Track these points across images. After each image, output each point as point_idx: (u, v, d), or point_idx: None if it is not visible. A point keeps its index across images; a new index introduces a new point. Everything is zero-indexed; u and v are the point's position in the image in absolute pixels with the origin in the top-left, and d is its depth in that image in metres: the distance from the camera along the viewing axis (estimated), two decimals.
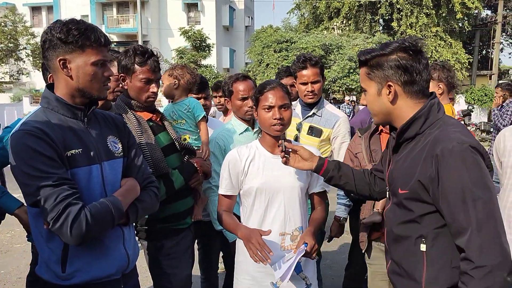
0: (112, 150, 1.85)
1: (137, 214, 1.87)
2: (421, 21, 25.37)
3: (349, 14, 27.14)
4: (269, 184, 2.13)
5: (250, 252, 1.95)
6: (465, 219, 1.42)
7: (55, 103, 1.72)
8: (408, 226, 1.62)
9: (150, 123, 2.41)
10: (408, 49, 1.58)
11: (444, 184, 1.46)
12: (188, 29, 24.77)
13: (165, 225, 2.45)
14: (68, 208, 1.55)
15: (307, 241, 2.01)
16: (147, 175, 1.98)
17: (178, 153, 2.51)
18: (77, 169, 1.67)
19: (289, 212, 2.13)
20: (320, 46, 22.01)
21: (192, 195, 2.62)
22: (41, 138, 1.58)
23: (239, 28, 36.75)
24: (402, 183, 1.62)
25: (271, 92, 2.12)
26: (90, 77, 1.71)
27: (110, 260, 1.78)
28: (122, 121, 2.03)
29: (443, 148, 1.46)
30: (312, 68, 3.06)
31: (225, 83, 2.98)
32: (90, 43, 1.67)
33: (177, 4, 32.36)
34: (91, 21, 31.63)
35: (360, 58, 1.68)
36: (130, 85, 2.35)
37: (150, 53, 2.34)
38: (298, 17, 31.14)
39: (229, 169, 2.17)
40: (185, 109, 2.73)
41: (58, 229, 1.56)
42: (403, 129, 1.62)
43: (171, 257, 2.46)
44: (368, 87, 1.68)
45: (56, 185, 1.55)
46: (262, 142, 2.22)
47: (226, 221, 2.17)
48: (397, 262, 1.71)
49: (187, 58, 23.62)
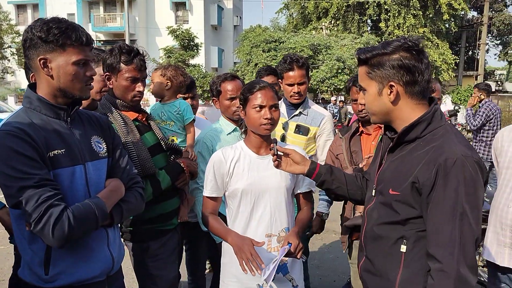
0: (96, 151, 1.82)
1: (122, 215, 1.84)
2: (408, 21, 25.63)
3: (337, 15, 27.30)
4: (255, 185, 2.10)
5: (241, 261, 1.92)
6: (451, 233, 1.44)
7: (37, 103, 1.70)
8: (391, 227, 1.62)
9: (136, 122, 2.38)
10: (411, 49, 1.55)
11: (439, 193, 1.47)
12: (176, 28, 24.65)
13: (151, 226, 2.42)
14: (50, 209, 1.52)
15: (291, 241, 2.00)
16: (132, 176, 1.95)
17: (164, 153, 2.49)
18: (60, 170, 1.65)
19: (275, 213, 2.12)
20: (308, 46, 22.08)
21: (179, 196, 2.59)
22: (22, 138, 1.56)
23: (228, 28, 36.71)
24: (394, 184, 1.61)
25: (262, 92, 2.10)
26: (71, 77, 1.68)
27: (94, 262, 1.76)
28: (107, 121, 2.00)
29: (448, 159, 1.46)
30: (299, 69, 3.07)
31: (213, 82, 2.96)
32: (71, 42, 1.64)
33: (165, 2, 32.20)
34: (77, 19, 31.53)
35: (360, 56, 1.63)
36: (116, 84, 2.32)
37: (136, 51, 2.31)
38: (287, 17, 31.27)
39: (214, 171, 2.14)
40: (175, 111, 2.71)
41: (40, 230, 1.53)
42: (405, 131, 1.60)
43: (157, 259, 2.43)
44: (368, 87, 1.64)
45: (38, 186, 1.53)
46: (247, 142, 2.20)
47: (214, 225, 2.15)
48: (371, 260, 1.71)
49: (175, 58, 23.49)
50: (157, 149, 2.43)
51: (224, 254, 2.22)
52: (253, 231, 2.10)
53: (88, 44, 1.70)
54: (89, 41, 1.70)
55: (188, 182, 2.60)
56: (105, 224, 1.78)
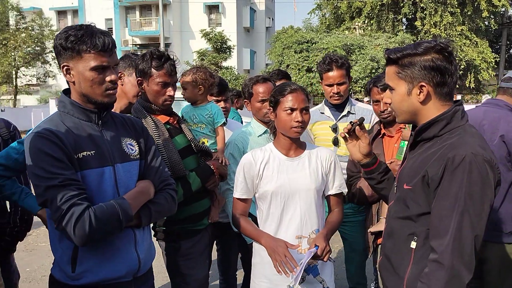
0: (128, 153, 1.85)
1: (151, 217, 1.86)
2: (445, 20, 24.91)
3: (371, 14, 26.86)
4: (284, 187, 2.12)
5: (275, 262, 1.96)
6: (449, 227, 1.46)
7: (70, 106, 1.76)
8: (404, 222, 1.65)
9: (167, 126, 2.43)
10: (443, 51, 1.56)
11: (444, 188, 1.49)
12: (209, 31, 24.94)
13: (182, 226, 2.48)
14: (72, 208, 1.56)
15: (318, 243, 2.01)
16: (164, 178, 1.96)
17: (195, 155, 2.54)
18: (88, 171, 1.69)
19: (305, 215, 2.12)
20: (341, 47, 21.85)
21: (209, 197, 2.64)
22: (51, 140, 1.62)
23: (260, 29, 36.81)
24: (408, 179, 1.63)
25: (293, 95, 2.10)
26: (90, 83, 1.70)
27: (119, 263, 1.78)
28: (141, 124, 2.04)
29: (456, 155, 1.48)
30: (338, 69, 3.03)
31: (245, 85, 2.99)
32: (87, 48, 1.66)
33: (199, 6, 32.62)
34: (114, 24, 32.40)
35: (391, 56, 1.64)
36: (148, 88, 2.38)
37: (167, 56, 2.36)
38: (319, 18, 31.00)
39: (244, 173, 2.17)
40: (207, 114, 2.75)
41: (63, 229, 1.58)
42: (421, 128, 1.62)
43: (188, 258, 2.49)
44: (397, 86, 1.65)
45: (62, 185, 1.57)
46: (276, 144, 2.21)
47: (245, 227, 2.18)
48: (387, 257, 1.74)
49: (208, 60, 23.78)
50: (188, 151, 2.48)
51: (255, 255, 2.24)
52: (284, 232, 2.12)
53: (106, 49, 1.69)
54: (106, 47, 1.69)
55: (218, 184, 2.64)
56: (133, 225, 1.79)
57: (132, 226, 1.80)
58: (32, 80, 29.27)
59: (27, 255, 5.16)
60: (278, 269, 1.94)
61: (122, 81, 2.55)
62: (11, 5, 26.37)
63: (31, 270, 4.74)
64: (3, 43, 24.48)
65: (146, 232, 1.94)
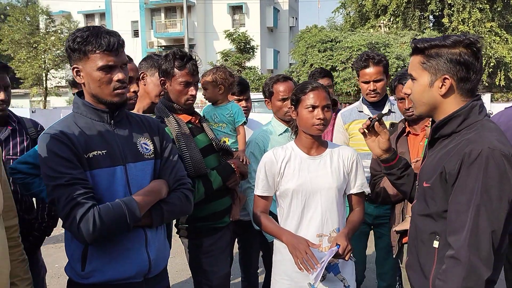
0: (142, 152, 1.85)
1: (163, 217, 1.83)
2: (474, 16, 24.31)
3: (396, 11, 26.44)
4: (305, 186, 2.13)
5: (296, 260, 1.98)
6: (465, 222, 1.44)
7: (83, 107, 1.78)
8: (426, 221, 1.64)
9: (189, 125, 2.47)
10: (472, 46, 1.54)
11: (461, 183, 1.47)
12: (233, 32, 25.08)
13: (204, 223, 2.52)
14: (76, 207, 1.58)
15: (339, 242, 2.01)
16: (179, 177, 1.95)
17: (216, 154, 2.57)
18: (98, 170, 1.70)
19: (326, 214, 2.12)
20: (366, 45, 21.56)
21: (230, 195, 2.66)
22: (60, 140, 1.65)
23: (283, 29, 36.73)
24: (427, 177, 1.62)
25: (315, 92, 2.12)
26: (98, 83, 1.71)
27: (128, 263, 1.76)
28: (158, 123, 2.04)
29: (473, 150, 1.46)
30: (375, 66, 2.99)
31: (265, 84, 3.02)
32: (93, 48, 1.66)
33: (222, 7, 32.82)
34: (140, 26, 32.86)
35: (418, 45, 1.62)
36: (170, 88, 2.42)
37: (189, 57, 2.40)
38: (344, 16, 30.71)
39: (265, 171, 2.19)
40: (228, 113, 2.78)
41: (68, 227, 1.61)
42: (438, 125, 1.61)
43: (210, 255, 2.52)
44: (420, 77, 1.62)
45: (68, 184, 1.60)
46: (297, 143, 2.22)
47: (267, 224, 2.20)
48: (414, 256, 1.72)
49: (231, 61, 23.90)
50: (209, 150, 2.52)
51: (275, 252, 2.26)
52: (305, 230, 2.13)
53: (111, 49, 1.68)
54: (112, 46, 1.68)
55: (238, 182, 2.66)
56: (143, 224, 1.78)
57: (143, 226, 1.79)
58: (62, 82, 30.06)
59: (56, 251, 5.31)
60: (300, 266, 1.96)
61: (145, 81, 2.61)
62: (41, 9, 27.17)
63: (59, 266, 4.87)
64: (34, 46, 25.23)
65: (159, 233, 1.91)
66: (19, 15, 26.18)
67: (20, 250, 1.71)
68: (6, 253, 1.51)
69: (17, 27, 25.63)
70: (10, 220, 1.65)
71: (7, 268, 1.50)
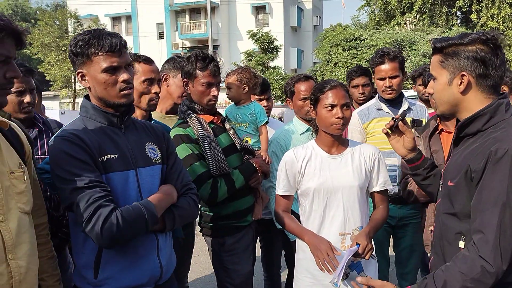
0: (150, 157, 1.84)
1: (175, 221, 1.83)
2: (503, 12, 23.60)
3: (423, 8, 25.93)
4: (327, 184, 2.13)
5: (317, 260, 1.99)
6: (488, 220, 1.42)
7: (92, 111, 1.76)
8: (451, 220, 1.62)
9: (211, 125, 2.51)
10: (489, 42, 1.54)
11: (486, 181, 1.45)
12: (256, 32, 25.12)
13: (226, 222, 2.55)
14: (99, 209, 1.56)
15: (359, 241, 2.01)
16: (186, 182, 1.95)
17: (238, 153, 2.60)
18: (112, 174, 1.70)
19: (348, 212, 2.13)
20: (391, 43, 21.24)
21: (253, 194, 2.68)
22: (75, 143, 1.63)
23: (307, 28, 36.57)
24: (452, 176, 1.61)
25: (333, 91, 2.12)
26: (103, 85, 1.69)
27: (142, 270, 1.76)
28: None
29: (499, 148, 1.44)
30: (391, 62, 2.94)
31: (287, 83, 3.04)
32: (95, 50, 1.65)
33: (246, 7, 32.91)
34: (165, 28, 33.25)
35: (436, 45, 1.64)
36: (193, 89, 2.46)
37: (210, 58, 2.43)
38: (369, 14, 30.32)
39: (286, 170, 2.20)
40: (250, 113, 2.81)
41: (90, 230, 1.57)
42: (464, 123, 1.60)
43: (232, 253, 2.55)
44: (439, 75, 1.64)
45: (89, 187, 1.58)
46: (318, 142, 2.23)
47: (289, 224, 2.21)
48: (439, 256, 1.71)
49: (255, 61, 23.93)
50: (232, 149, 2.54)
51: (298, 251, 2.27)
52: (327, 229, 2.13)
53: (114, 50, 1.66)
54: (114, 47, 1.66)
55: (261, 181, 2.68)
56: (157, 229, 1.77)
57: (156, 231, 1.79)
58: None
59: None
60: (321, 266, 1.97)
61: (168, 83, 2.65)
62: (69, 13, 27.86)
63: None
64: (63, 49, 25.82)
65: (168, 239, 1.92)
66: (48, 19, 26.90)
67: (50, 247, 1.74)
68: (35, 250, 1.55)
69: (46, 31, 26.34)
70: (39, 218, 1.69)
71: (36, 264, 1.55)
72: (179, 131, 2.41)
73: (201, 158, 2.39)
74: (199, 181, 2.35)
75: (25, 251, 1.47)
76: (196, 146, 2.40)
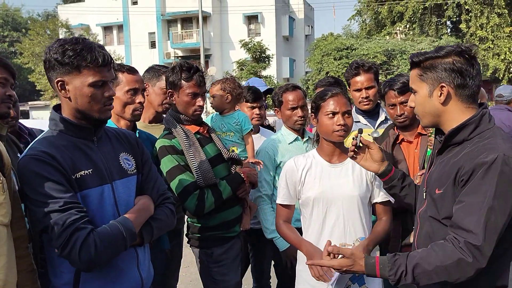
0: (125, 168, 1.80)
1: (153, 234, 1.81)
2: (492, 21, 23.96)
3: (413, 18, 26.25)
4: (326, 194, 2.11)
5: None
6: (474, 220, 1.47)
7: (62, 124, 1.68)
8: (438, 225, 1.65)
9: (197, 135, 2.50)
10: (464, 53, 1.61)
11: (473, 185, 1.50)
12: (248, 41, 25.23)
13: (214, 233, 2.53)
14: (76, 233, 1.51)
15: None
16: (162, 191, 1.92)
17: (225, 163, 2.58)
18: (87, 191, 1.64)
19: (348, 222, 2.10)
20: (382, 52, 21.48)
21: (240, 204, 2.66)
22: (47, 162, 1.56)
23: (299, 38, 36.80)
24: (439, 183, 1.64)
25: (335, 99, 2.12)
26: (88, 99, 1.64)
27: (123, 284, 1.73)
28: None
29: (489, 156, 1.49)
30: (366, 73, 2.99)
31: (275, 93, 3.03)
32: (86, 63, 1.60)
33: (238, 17, 33.06)
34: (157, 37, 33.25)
35: (413, 59, 1.70)
36: (178, 100, 2.45)
37: (196, 68, 2.43)
38: (360, 24, 30.62)
39: (286, 179, 2.20)
40: (234, 122, 2.81)
41: (67, 255, 1.52)
42: (452, 133, 1.63)
43: (220, 264, 2.53)
44: (419, 88, 1.69)
45: (63, 210, 1.52)
46: (319, 151, 2.22)
47: (287, 234, 2.20)
48: None
49: (247, 70, 24.01)
50: (218, 159, 2.53)
51: (299, 262, 2.25)
52: (326, 239, 2.09)
53: (105, 64, 1.64)
54: (106, 61, 1.64)
55: (248, 191, 2.67)
56: (135, 243, 1.73)
57: (134, 245, 1.75)
58: None
59: None
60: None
61: (148, 92, 2.65)
62: (60, 22, 27.85)
63: None
64: None
65: (147, 251, 1.90)
66: (39, 29, 26.90)
67: (29, 260, 1.70)
68: (13, 263, 1.51)
69: (37, 41, 26.31)
70: (19, 231, 1.64)
71: (14, 278, 1.51)
72: (165, 142, 2.40)
73: (187, 169, 2.38)
74: (186, 193, 2.33)
75: (3, 264, 1.44)
76: (182, 157, 2.38)
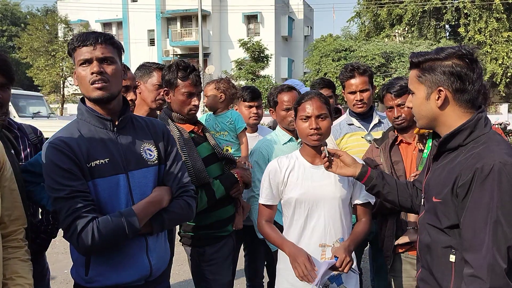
0: (145, 158, 1.86)
1: (163, 224, 1.85)
2: (490, 26, 24.08)
3: (412, 21, 26.35)
4: (308, 195, 2.13)
5: (296, 271, 1.99)
6: (482, 239, 1.42)
7: (86, 114, 1.79)
8: (438, 234, 1.62)
9: (191, 134, 2.51)
10: (465, 57, 1.55)
11: (474, 199, 1.45)
12: (247, 41, 25.22)
13: (207, 231, 2.54)
14: (76, 220, 1.61)
15: (338, 255, 2.00)
16: (182, 184, 1.96)
17: (219, 162, 2.59)
18: (100, 179, 1.71)
19: (329, 223, 2.12)
20: (380, 54, 21.52)
21: (233, 204, 2.68)
22: (61, 151, 1.66)
23: (298, 38, 36.83)
24: (436, 191, 1.61)
25: (308, 102, 2.13)
26: (79, 79, 1.72)
27: (131, 268, 1.80)
28: (163, 127, 2.03)
29: (484, 165, 1.45)
30: (360, 76, 3.01)
31: (270, 94, 3.04)
32: (74, 46, 1.69)
33: (237, 16, 33.07)
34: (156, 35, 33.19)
35: (413, 60, 1.66)
36: (173, 98, 2.46)
37: (192, 68, 2.44)
38: (359, 25, 30.70)
39: (269, 179, 2.20)
40: (228, 121, 2.83)
41: (69, 239, 1.65)
42: (446, 139, 1.61)
43: (212, 263, 2.53)
44: (417, 90, 1.65)
45: (68, 197, 1.62)
46: (302, 152, 2.24)
47: (270, 234, 2.21)
48: (428, 270, 1.70)
49: (246, 69, 24.00)
50: (212, 159, 2.54)
51: (279, 261, 2.26)
52: (307, 240, 2.13)
53: (87, 44, 1.68)
54: (87, 40, 1.68)
55: (242, 191, 2.68)
56: (144, 232, 1.79)
57: (144, 234, 1.81)
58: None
59: (65, 257, 5.37)
60: (300, 278, 1.97)
61: (140, 89, 2.67)
62: (60, 18, 27.72)
63: (68, 272, 4.94)
64: (52, 54, 25.67)
65: (161, 238, 1.94)
66: (38, 24, 26.69)
67: (23, 250, 1.70)
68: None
69: (36, 36, 26.13)
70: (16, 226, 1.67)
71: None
72: None
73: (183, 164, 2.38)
74: None
75: None
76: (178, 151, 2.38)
